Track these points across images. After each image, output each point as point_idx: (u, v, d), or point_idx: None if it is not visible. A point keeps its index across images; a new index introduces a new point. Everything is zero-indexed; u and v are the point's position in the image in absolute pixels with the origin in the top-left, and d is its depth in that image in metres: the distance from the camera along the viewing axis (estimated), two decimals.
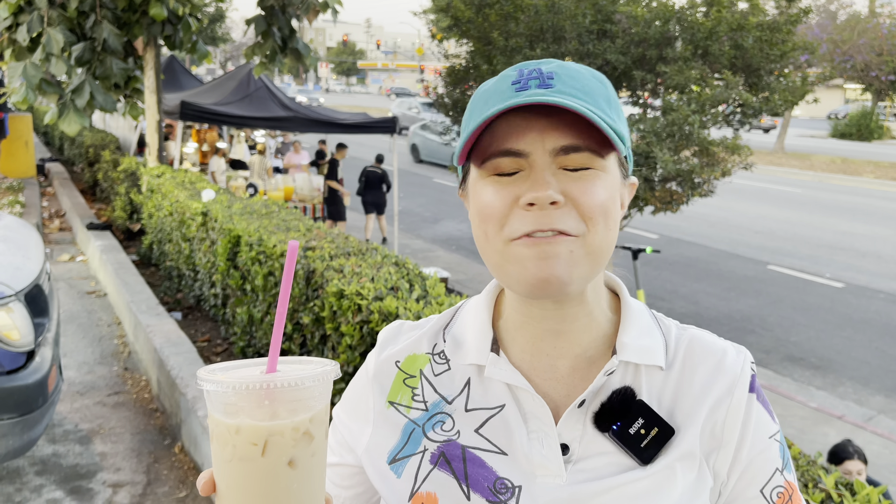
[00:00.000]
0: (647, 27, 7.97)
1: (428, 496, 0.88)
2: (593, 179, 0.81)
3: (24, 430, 3.38)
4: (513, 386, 0.89)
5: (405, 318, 2.27)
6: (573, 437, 0.86)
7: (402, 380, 0.96)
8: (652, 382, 0.89)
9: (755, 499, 0.88)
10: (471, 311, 0.98)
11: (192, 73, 14.79)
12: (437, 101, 9.66)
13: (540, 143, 0.80)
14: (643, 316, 0.93)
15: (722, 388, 0.88)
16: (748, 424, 0.88)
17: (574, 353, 0.90)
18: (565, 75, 0.84)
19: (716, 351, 0.92)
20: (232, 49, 68.51)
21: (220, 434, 0.71)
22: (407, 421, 0.93)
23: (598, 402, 0.87)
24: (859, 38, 33.56)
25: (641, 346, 0.90)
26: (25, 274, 3.73)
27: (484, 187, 0.84)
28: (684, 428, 0.87)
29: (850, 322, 8.73)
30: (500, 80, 0.86)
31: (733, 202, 16.24)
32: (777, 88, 8.13)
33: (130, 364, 5.59)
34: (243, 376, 0.71)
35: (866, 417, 6.15)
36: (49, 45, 7.09)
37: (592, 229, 0.81)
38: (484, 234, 0.84)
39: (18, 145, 13.25)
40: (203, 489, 0.74)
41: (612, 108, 0.85)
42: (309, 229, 4.92)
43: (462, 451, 0.88)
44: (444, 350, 0.96)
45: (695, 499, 0.85)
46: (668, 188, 8.15)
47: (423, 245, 11.77)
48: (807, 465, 1.95)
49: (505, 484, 0.85)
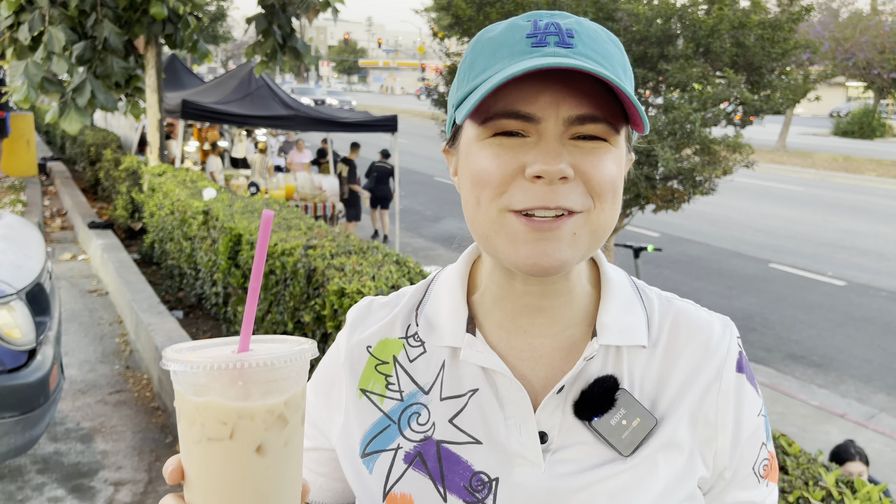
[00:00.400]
0: (648, 25, 7.96)
1: (403, 497, 0.84)
2: (605, 154, 0.75)
3: (26, 429, 3.39)
4: (489, 369, 0.85)
5: None
6: (552, 424, 0.82)
7: (374, 366, 0.91)
8: (634, 365, 0.85)
9: (748, 477, 0.88)
10: (444, 285, 0.92)
11: (193, 72, 14.80)
12: (437, 99, 9.66)
13: (554, 109, 0.73)
14: (623, 289, 0.89)
15: (710, 372, 0.85)
16: (741, 408, 0.86)
17: (553, 332, 0.86)
18: (585, 35, 0.77)
19: (702, 327, 0.88)
20: (233, 48, 68.53)
21: (188, 412, 0.67)
22: (381, 415, 0.88)
23: (577, 388, 0.83)
24: (861, 35, 33.51)
25: (622, 326, 0.85)
26: (26, 272, 3.73)
27: (482, 149, 0.77)
28: (668, 416, 0.83)
29: (851, 320, 8.73)
30: (511, 28, 0.78)
31: (735, 200, 16.23)
32: (779, 86, 8.12)
33: (132, 362, 5.60)
34: (213, 356, 0.66)
35: (868, 416, 6.14)
36: (50, 43, 7.10)
37: (599, 206, 0.76)
38: (476, 200, 0.78)
39: (20, 144, 13.25)
40: (170, 477, 0.68)
41: (628, 78, 0.79)
42: (310, 228, 4.92)
43: (437, 448, 0.84)
44: (418, 332, 0.90)
45: (679, 488, 0.82)
46: (670, 186, 8.14)
47: (424, 244, 11.77)
48: (807, 462, 1.95)
49: (481, 479, 0.82)
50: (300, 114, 10.22)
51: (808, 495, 1.75)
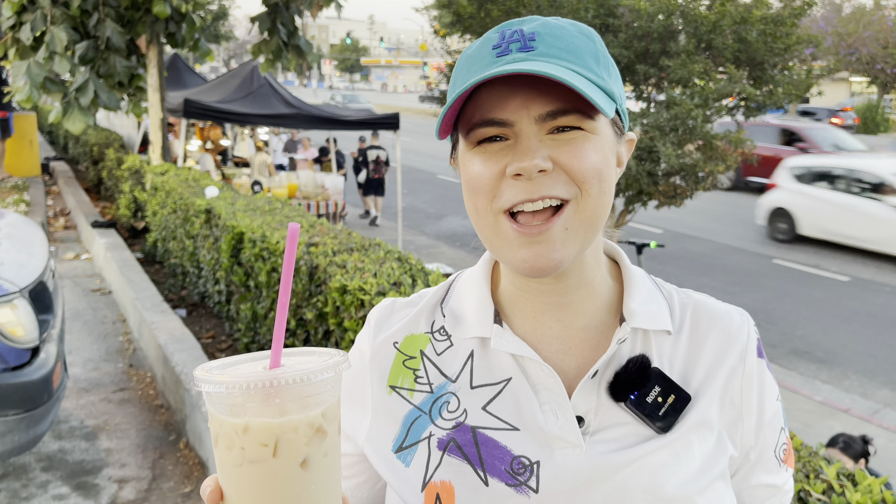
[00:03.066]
0: (650, 21, 7.95)
1: (443, 485, 0.84)
2: (582, 142, 0.78)
3: (30, 426, 3.40)
4: (519, 357, 0.86)
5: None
6: (588, 408, 0.84)
7: (402, 361, 0.92)
8: (662, 348, 0.87)
9: (770, 460, 0.91)
10: (467, 283, 0.94)
11: (195, 71, 14.80)
12: (437, 97, 9.66)
13: (525, 110, 0.77)
14: (645, 281, 0.92)
15: (734, 357, 0.88)
16: (763, 391, 0.89)
17: (579, 325, 0.88)
18: (548, 34, 0.80)
19: (722, 316, 0.91)
20: (235, 47, 68.59)
21: (226, 435, 0.65)
22: (411, 408, 0.89)
23: (611, 371, 0.85)
24: (864, 30, 33.40)
25: (649, 312, 0.88)
26: (29, 271, 3.74)
27: (471, 158, 0.81)
28: (699, 395, 0.85)
29: (855, 315, 8.71)
30: (483, 43, 0.82)
31: (737, 196, 16.20)
32: (781, 82, 8.11)
33: (135, 361, 5.61)
34: (246, 375, 0.65)
35: (872, 411, 6.13)
36: (52, 43, 7.12)
37: (586, 193, 0.78)
38: (475, 208, 0.82)
39: (23, 144, 13.28)
40: (209, 498, 0.68)
41: (601, 66, 0.81)
42: (312, 225, 4.93)
43: (473, 433, 0.84)
44: (444, 326, 0.92)
45: (713, 466, 0.84)
46: (672, 182, 8.14)
47: (427, 241, 11.77)
48: (809, 456, 1.95)
49: (522, 462, 0.82)
50: (302, 112, 10.22)
51: (809, 488, 1.75)
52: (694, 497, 0.81)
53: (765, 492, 0.92)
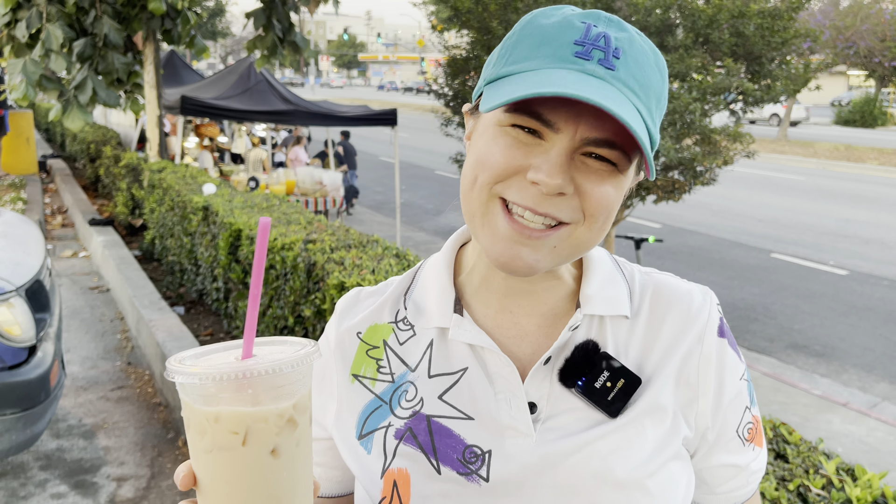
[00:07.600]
0: (647, 15, 7.93)
1: (399, 472, 0.85)
2: (609, 178, 0.77)
3: (28, 425, 3.39)
4: (476, 346, 0.87)
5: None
6: (540, 395, 0.84)
7: (365, 351, 0.93)
8: (618, 333, 0.87)
9: (732, 440, 0.90)
10: (431, 271, 0.94)
11: (192, 68, 14.77)
12: (436, 92, 9.64)
13: (574, 125, 0.74)
14: (604, 264, 0.91)
15: (692, 338, 0.87)
16: (723, 371, 0.88)
17: (540, 312, 0.89)
18: (632, 57, 0.76)
19: (682, 296, 0.90)
20: (232, 43, 68.46)
21: (197, 422, 0.66)
22: (372, 397, 0.90)
23: (563, 358, 0.85)
24: (862, 24, 33.36)
25: (605, 297, 0.88)
26: (26, 269, 3.73)
27: (497, 136, 0.78)
28: (653, 379, 0.85)
29: (854, 309, 8.71)
30: (563, 26, 0.77)
31: (736, 190, 16.20)
32: (779, 76, 8.09)
33: (133, 359, 5.61)
34: (219, 366, 0.66)
35: (871, 404, 6.14)
36: (48, 41, 7.09)
37: (589, 225, 0.78)
38: (473, 178, 0.80)
39: (20, 142, 13.25)
40: (182, 483, 0.69)
41: (659, 109, 0.80)
42: (310, 222, 4.92)
43: (427, 422, 0.85)
44: (407, 316, 0.93)
45: (665, 448, 0.84)
46: (670, 177, 8.13)
47: (425, 237, 11.76)
48: (808, 451, 1.94)
49: (474, 451, 0.83)
50: (299, 108, 10.20)
51: (808, 483, 1.75)
52: (644, 480, 0.81)
53: (727, 471, 0.91)
